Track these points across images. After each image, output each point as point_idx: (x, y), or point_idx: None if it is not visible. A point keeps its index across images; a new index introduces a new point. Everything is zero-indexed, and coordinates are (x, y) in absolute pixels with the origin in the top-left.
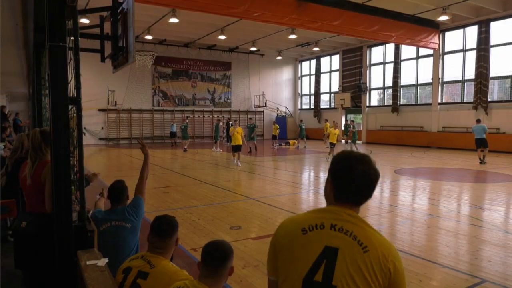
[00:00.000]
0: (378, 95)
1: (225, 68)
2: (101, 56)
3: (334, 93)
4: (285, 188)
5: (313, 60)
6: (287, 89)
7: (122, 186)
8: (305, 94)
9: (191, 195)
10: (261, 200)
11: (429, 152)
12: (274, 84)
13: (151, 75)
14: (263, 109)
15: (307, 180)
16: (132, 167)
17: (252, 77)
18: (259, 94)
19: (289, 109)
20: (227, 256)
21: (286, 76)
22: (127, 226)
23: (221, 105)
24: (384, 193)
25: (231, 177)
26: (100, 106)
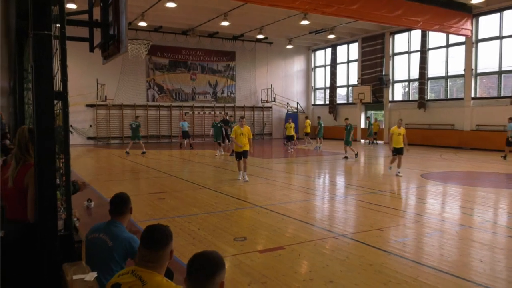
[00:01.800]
0: (403, 89)
1: (228, 58)
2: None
3: (352, 86)
4: (297, 194)
5: (328, 49)
6: (298, 82)
7: (121, 198)
8: (319, 87)
9: (190, 202)
10: (269, 207)
11: (461, 154)
12: (284, 76)
13: (145, 66)
14: (272, 104)
15: (322, 185)
16: (124, 169)
17: (259, 69)
18: (267, 88)
19: (301, 105)
20: (214, 270)
21: (298, 67)
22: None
23: (224, 100)
24: (409, 200)
25: (235, 182)
26: (88, 101)
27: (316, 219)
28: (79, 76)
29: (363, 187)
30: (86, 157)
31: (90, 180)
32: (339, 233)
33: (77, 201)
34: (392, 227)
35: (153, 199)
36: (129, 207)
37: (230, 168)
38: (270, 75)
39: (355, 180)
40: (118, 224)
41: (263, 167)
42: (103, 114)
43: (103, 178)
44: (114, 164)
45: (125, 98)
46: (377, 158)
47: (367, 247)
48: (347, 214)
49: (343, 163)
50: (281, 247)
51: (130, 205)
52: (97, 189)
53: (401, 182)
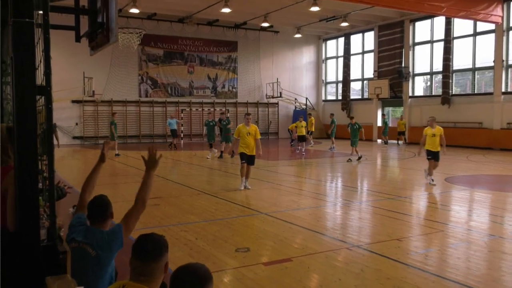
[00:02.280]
0: (424, 83)
1: (230, 49)
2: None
3: (367, 80)
4: (306, 200)
5: (341, 38)
6: (308, 76)
7: (101, 202)
8: (331, 81)
9: (187, 209)
10: (274, 215)
11: (490, 155)
12: (291, 69)
13: (137, 58)
14: (278, 100)
15: (334, 190)
16: (114, 173)
17: (264, 60)
18: (272, 82)
19: (310, 101)
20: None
21: (307, 59)
22: (89, 253)
23: (224, 96)
24: (432, 207)
25: (238, 186)
26: (74, 96)
27: (327, 228)
28: (64, 68)
29: (380, 192)
30: (72, 158)
31: (76, 185)
32: (353, 244)
33: (62, 208)
34: (413, 237)
35: (146, 205)
36: (108, 212)
37: (231, 171)
38: (276, 67)
39: (371, 185)
40: (98, 231)
41: (269, 170)
42: (91, 111)
43: None
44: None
45: (115, 93)
46: (395, 160)
47: (384, 259)
48: (362, 222)
49: (357, 165)
50: (288, 259)
51: (110, 209)
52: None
53: (423, 187)
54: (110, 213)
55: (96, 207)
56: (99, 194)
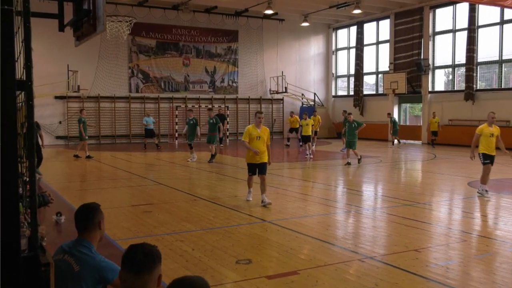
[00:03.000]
0: (445, 76)
1: (229, 39)
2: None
3: (382, 73)
4: (314, 207)
5: (353, 27)
6: (316, 69)
7: (86, 208)
8: (342, 75)
9: (182, 216)
10: (279, 223)
11: None
12: (298, 61)
13: (127, 49)
14: (283, 96)
15: (345, 195)
16: (101, 176)
17: (267, 52)
18: (277, 76)
19: (319, 96)
20: None
21: (315, 50)
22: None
23: (224, 91)
24: (453, 215)
25: (239, 191)
26: (57, 92)
27: (337, 238)
28: (47, 61)
29: (396, 198)
30: (55, 160)
31: (60, 189)
32: (366, 255)
33: (46, 215)
34: (432, 247)
35: (137, 213)
36: (96, 222)
37: (231, 174)
38: (281, 59)
39: (386, 190)
40: (86, 243)
41: (272, 174)
42: (76, 107)
43: (76, 187)
44: (90, 169)
45: (103, 88)
46: (413, 163)
47: (401, 272)
48: (376, 231)
49: (371, 168)
50: (294, 272)
51: (99, 217)
52: (69, 200)
53: (443, 192)
54: (97, 223)
55: (79, 213)
56: (86, 203)
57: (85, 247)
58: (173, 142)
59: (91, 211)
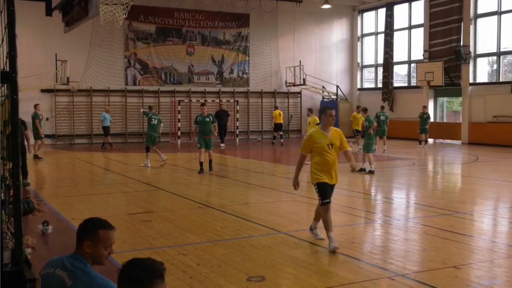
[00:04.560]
0: (489, 66)
1: (239, 24)
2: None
3: (415, 63)
4: (337, 216)
5: (381, 9)
6: (339, 58)
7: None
8: (369, 64)
9: (186, 226)
10: (296, 235)
11: None
12: (318, 49)
13: (123, 36)
14: (301, 89)
15: (373, 203)
16: (93, 180)
17: (283, 39)
18: (294, 66)
19: (342, 89)
20: None
21: (338, 37)
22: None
23: (233, 83)
24: (499, 226)
25: (250, 198)
26: (44, 84)
27: (364, 252)
28: (32, 49)
29: (431, 206)
30: (42, 162)
31: (47, 196)
32: (397, 272)
33: (30, 224)
34: (474, 264)
35: (135, 222)
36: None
37: (241, 179)
38: (299, 47)
39: (420, 197)
40: (81, 258)
41: (289, 178)
42: (65, 102)
43: (64, 193)
44: (80, 172)
45: (95, 80)
46: (451, 166)
47: None
48: (408, 244)
49: (403, 172)
50: None
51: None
52: (56, 207)
53: (487, 200)
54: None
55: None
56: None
57: (80, 262)
58: (175, 141)
59: (94, 224)
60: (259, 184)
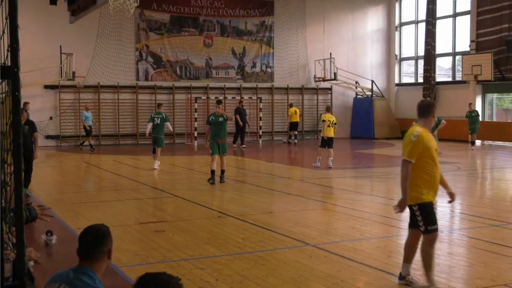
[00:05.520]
0: None
1: (263, 11)
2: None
3: (461, 55)
4: (372, 227)
5: None
6: (374, 49)
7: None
8: (408, 57)
9: (203, 237)
10: (327, 247)
11: None
12: (351, 40)
13: (134, 26)
14: (331, 84)
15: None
16: (101, 186)
17: (311, 28)
18: (323, 59)
19: (377, 85)
20: None
21: (373, 26)
22: None
23: (256, 78)
24: None
25: (274, 206)
26: (47, 80)
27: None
28: (35, 42)
29: (479, 216)
30: (45, 166)
31: (50, 202)
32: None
33: (33, 234)
34: None
35: (147, 232)
36: (106, 249)
37: (264, 184)
38: (329, 38)
39: (466, 206)
40: (89, 272)
41: (318, 184)
42: (70, 99)
43: (69, 199)
44: (87, 177)
45: (104, 75)
46: (502, 171)
47: None
48: (453, 259)
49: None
50: None
51: (109, 245)
52: (61, 215)
53: None
54: (106, 251)
55: (88, 241)
56: (96, 224)
57: (89, 277)
58: (191, 143)
59: (101, 236)
60: (284, 191)
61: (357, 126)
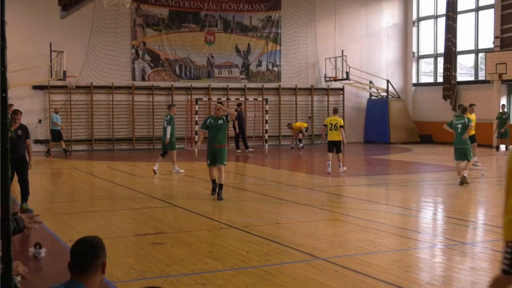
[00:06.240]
0: None
1: (269, 6)
2: None
3: (484, 52)
4: (387, 239)
5: None
6: (390, 46)
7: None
8: (426, 55)
9: (204, 250)
10: (338, 261)
11: None
12: (364, 36)
13: (130, 22)
14: (343, 84)
15: (431, 224)
16: (94, 195)
17: (321, 24)
18: (335, 57)
19: (393, 85)
20: None
21: (389, 21)
22: None
23: (261, 78)
24: None
25: (281, 216)
26: (36, 80)
27: (421, 283)
28: (23, 39)
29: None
30: (34, 173)
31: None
32: None
33: (20, 247)
34: None
35: (143, 245)
36: (100, 262)
37: (270, 193)
38: (341, 34)
39: (490, 216)
40: (81, 287)
41: (328, 192)
42: (61, 101)
43: (60, 209)
44: (79, 185)
45: (97, 75)
46: None
47: None
48: (476, 274)
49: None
50: None
51: (103, 258)
52: (51, 227)
53: None
54: (100, 265)
55: (80, 254)
56: (89, 235)
57: None
58: (192, 148)
59: (94, 249)
60: (292, 200)
61: (371, 129)
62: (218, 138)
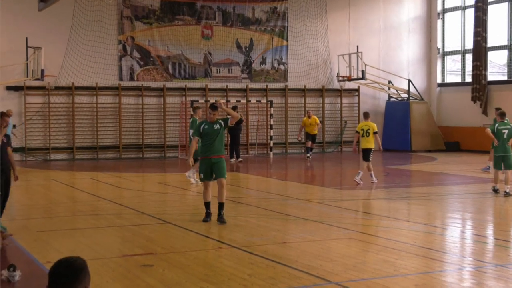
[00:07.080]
0: None
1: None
2: None
3: None
4: (409, 260)
5: None
6: (411, 42)
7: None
8: (453, 51)
9: (200, 273)
10: (354, 286)
11: None
12: (382, 30)
13: (116, 14)
14: (358, 84)
15: (459, 243)
16: (75, 210)
17: (333, 16)
18: (349, 53)
19: (415, 85)
20: None
21: (410, 13)
22: None
23: (265, 77)
24: None
25: (289, 235)
26: (10, 80)
27: None
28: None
29: None
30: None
31: (13, 230)
32: None
33: None
34: None
35: (131, 267)
36: (82, 287)
37: (275, 208)
38: (356, 28)
39: None
40: None
41: (342, 207)
42: (38, 104)
43: (37, 226)
44: (59, 199)
45: (79, 74)
46: None
47: None
48: None
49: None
50: None
51: (85, 282)
52: (26, 246)
53: None
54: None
55: (61, 277)
56: (70, 256)
57: None
58: (186, 157)
59: (76, 272)
60: (301, 216)
61: (390, 135)
62: (215, 147)
